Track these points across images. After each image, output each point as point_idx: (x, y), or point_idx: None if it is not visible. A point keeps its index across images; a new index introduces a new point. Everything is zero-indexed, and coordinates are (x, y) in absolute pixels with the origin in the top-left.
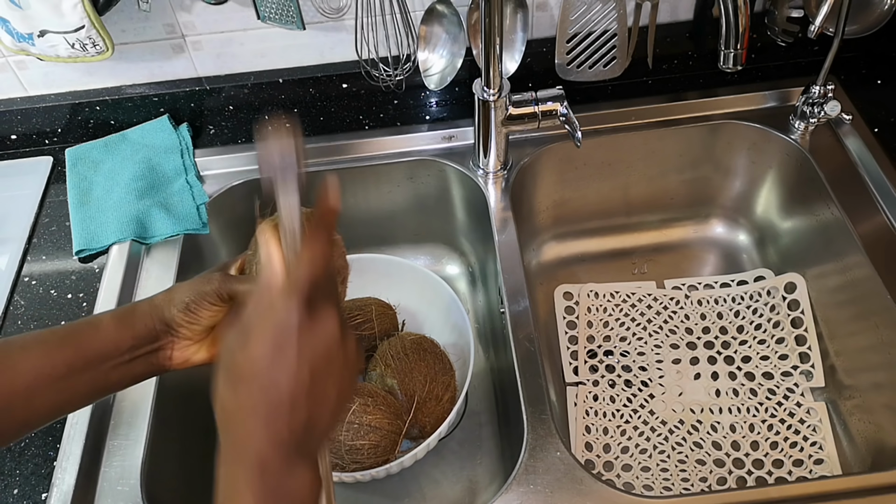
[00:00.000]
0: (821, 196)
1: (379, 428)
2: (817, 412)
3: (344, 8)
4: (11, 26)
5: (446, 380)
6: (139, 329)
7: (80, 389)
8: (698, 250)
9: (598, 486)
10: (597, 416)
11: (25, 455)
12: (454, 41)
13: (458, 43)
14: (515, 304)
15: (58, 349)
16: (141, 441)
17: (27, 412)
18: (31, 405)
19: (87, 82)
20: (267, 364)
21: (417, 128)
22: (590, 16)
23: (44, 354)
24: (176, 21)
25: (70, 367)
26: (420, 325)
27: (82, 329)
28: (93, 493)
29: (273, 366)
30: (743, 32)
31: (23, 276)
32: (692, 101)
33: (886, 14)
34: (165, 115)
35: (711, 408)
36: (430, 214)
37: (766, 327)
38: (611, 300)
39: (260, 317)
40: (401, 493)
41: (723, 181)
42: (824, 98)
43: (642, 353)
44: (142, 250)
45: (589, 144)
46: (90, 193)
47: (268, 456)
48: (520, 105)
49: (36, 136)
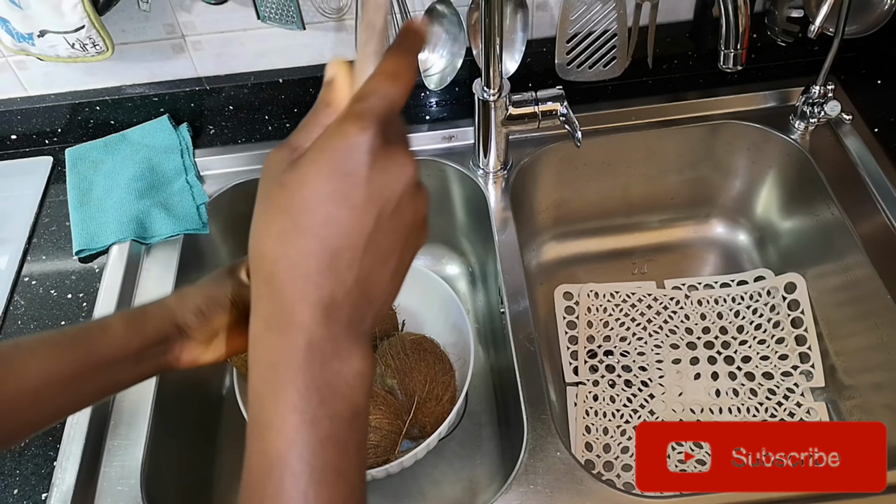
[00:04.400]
0: (821, 196)
1: (379, 428)
2: (817, 412)
3: (344, 8)
4: (11, 26)
5: (446, 380)
6: (149, 332)
7: (87, 391)
8: (698, 250)
9: (598, 486)
10: (597, 416)
11: (25, 455)
12: (454, 41)
13: (458, 43)
14: (515, 304)
15: (66, 352)
16: (141, 441)
17: (33, 414)
18: (38, 407)
19: (87, 82)
20: (325, 195)
21: (417, 128)
22: (590, 16)
23: (52, 357)
24: (176, 21)
25: (78, 371)
26: (420, 325)
27: (91, 332)
28: (93, 493)
29: (332, 199)
30: (743, 32)
31: (23, 276)
32: (692, 101)
33: (886, 14)
34: (165, 115)
35: (711, 408)
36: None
37: (766, 327)
38: (611, 300)
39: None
40: (401, 493)
41: (723, 181)
42: (824, 98)
43: (642, 353)
44: (142, 250)
45: (589, 144)
46: (90, 193)
47: (317, 327)
48: (520, 105)
49: (36, 136)
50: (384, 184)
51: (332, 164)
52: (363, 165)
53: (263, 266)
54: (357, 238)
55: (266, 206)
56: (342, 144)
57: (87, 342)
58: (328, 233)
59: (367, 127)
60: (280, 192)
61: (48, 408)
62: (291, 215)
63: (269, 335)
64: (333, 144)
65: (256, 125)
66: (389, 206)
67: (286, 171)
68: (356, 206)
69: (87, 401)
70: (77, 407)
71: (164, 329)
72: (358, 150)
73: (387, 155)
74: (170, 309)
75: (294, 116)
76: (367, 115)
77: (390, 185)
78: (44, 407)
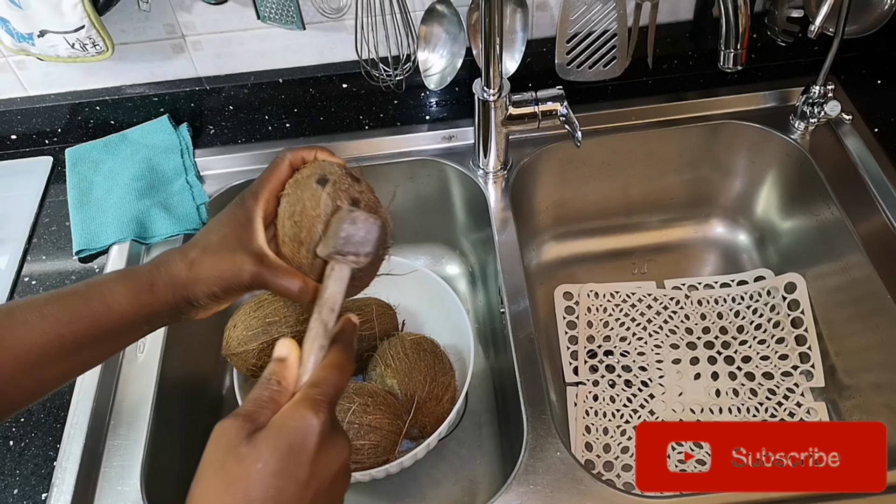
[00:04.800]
0: (821, 196)
1: (379, 428)
2: (817, 412)
3: (344, 8)
4: (11, 26)
5: (446, 380)
6: (157, 306)
7: (90, 359)
8: (698, 250)
9: (598, 486)
10: (597, 416)
11: (25, 455)
12: (454, 41)
13: (458, 43)
14: (515, 304)
15: (66, 326)
16: (141, 441)
17: (35, 383)
18: (39, 377)
19: (87, 82)
20: (277, 472)
21: (417, 128)
22: (590, 16)
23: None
24: (176, 21)
25: (80, 344)
26: (420, 325)
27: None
28: (93, 493)
29: (283, 475)
30: (743, 32)
31: (23, 276)
32: (692, 101)
33: (886, 14)
34: (165, 115)
35: (711, 408)
36: (430, 214)
37: (766, 327)
38: (611, 300)
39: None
40: (401, 493)
41: (723, 181)
42: (824, 98)
43: (642, 353)
44: (142, 250)
45: (589, 144)
46: (90, 193)
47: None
48: (520, 105)
49: (36, 136)
50: (326, 463)
51: (288, 442)
52: (313, 446)
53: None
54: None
55: (219, 473)
56: (300, 426)
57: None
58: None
59: (322, 412)
60: (237, 463)
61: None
62: (245, 487)
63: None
64: (293, 424)
65: (256, 125)
66: (326, 482)
67: (244, 444)
68: (300, 483)
69: (91, 365)
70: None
71: (173, 301)
72: (311, 431)
73: (331, 438)
74: (181, 283)
75: (294, 116)
76: (322, 402)
77: (330, 464)
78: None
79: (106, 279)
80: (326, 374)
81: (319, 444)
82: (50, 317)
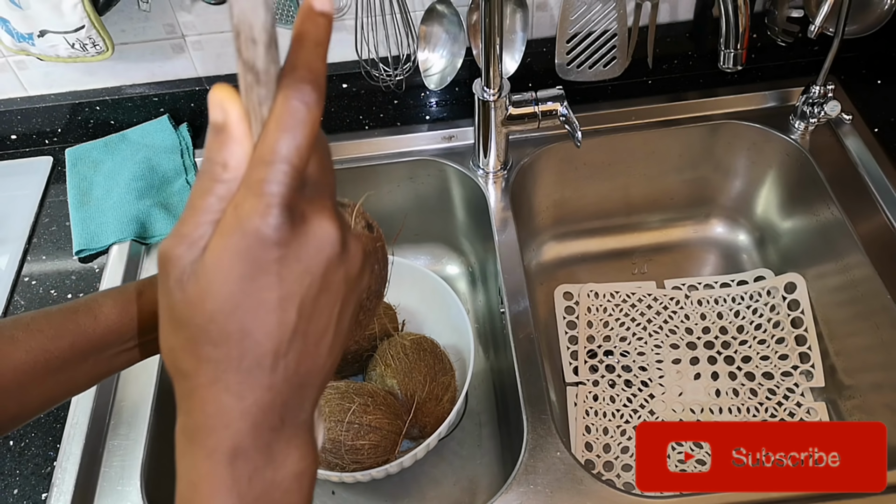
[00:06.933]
0: (821, 196)
1: (379, 428)
2: (817, 412)
3: (344, 8)
4: (11, 26)
5: (446, 380)
6: (146, 318)
7: (77, 380)
8: (698, 250)
9: (598, 486)
10: (597, 416)
11: (25, 455)
12: (454, 41)
13: (458, 43)
14: (515, 304)
15: (52, 341)
16: (141, 441)
17: (19, 406)
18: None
19: (87, 82)
20: (235, 308)
21: (417, 128)
22: (590, 16)
23: (36, 347)
24: (176, 21)
25: (66, 361)
26: (420, 325)
27: (80, 320)
28: (93, 493)
29: (244, 310)
30: (743, 32)
31: (23, 276)
32: (692, 101)
33: (886, 14)
34: (165, 115)
35: (711, 408)
36: (430, 214)
37: (766, 327)
38: (611, 300)
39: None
40: (401, 493)
41: (723, 181)
42: (824, 98)
43: (642, 353)
44: (142, 250)
45: (589, 144)
46: (90, 193)
47: (243, 439)
48: (520, 105)
49: (36, 136)
50: (301, 272)
51: (238, 269)
52: (273, 262)
53: (180, 380)
54: (278, 340)
55: (171, 315)
56: (245, 244)
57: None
58: (244, 346)
59: (270, 211)
60: (184, 304)
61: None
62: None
63: (191, 451)
64: (234, 244)
65: None
66: (312, 290)
67: (186, 276)
68: (272, 309)
69: (78, 388)
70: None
71: None
72: (264, 244)
73: (299, 236)
74: None
75: None
76: (269, 193)
77: (310, 269)
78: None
79: (95, 294)
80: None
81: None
82: (36, 332)
